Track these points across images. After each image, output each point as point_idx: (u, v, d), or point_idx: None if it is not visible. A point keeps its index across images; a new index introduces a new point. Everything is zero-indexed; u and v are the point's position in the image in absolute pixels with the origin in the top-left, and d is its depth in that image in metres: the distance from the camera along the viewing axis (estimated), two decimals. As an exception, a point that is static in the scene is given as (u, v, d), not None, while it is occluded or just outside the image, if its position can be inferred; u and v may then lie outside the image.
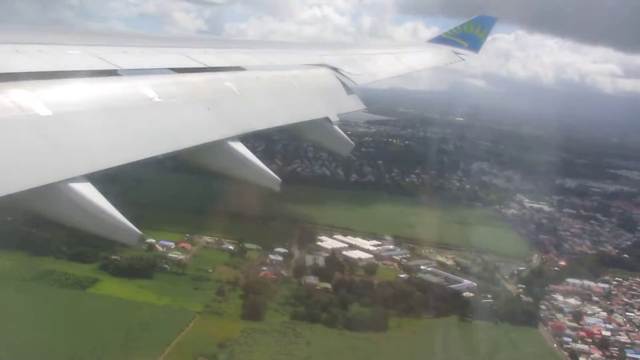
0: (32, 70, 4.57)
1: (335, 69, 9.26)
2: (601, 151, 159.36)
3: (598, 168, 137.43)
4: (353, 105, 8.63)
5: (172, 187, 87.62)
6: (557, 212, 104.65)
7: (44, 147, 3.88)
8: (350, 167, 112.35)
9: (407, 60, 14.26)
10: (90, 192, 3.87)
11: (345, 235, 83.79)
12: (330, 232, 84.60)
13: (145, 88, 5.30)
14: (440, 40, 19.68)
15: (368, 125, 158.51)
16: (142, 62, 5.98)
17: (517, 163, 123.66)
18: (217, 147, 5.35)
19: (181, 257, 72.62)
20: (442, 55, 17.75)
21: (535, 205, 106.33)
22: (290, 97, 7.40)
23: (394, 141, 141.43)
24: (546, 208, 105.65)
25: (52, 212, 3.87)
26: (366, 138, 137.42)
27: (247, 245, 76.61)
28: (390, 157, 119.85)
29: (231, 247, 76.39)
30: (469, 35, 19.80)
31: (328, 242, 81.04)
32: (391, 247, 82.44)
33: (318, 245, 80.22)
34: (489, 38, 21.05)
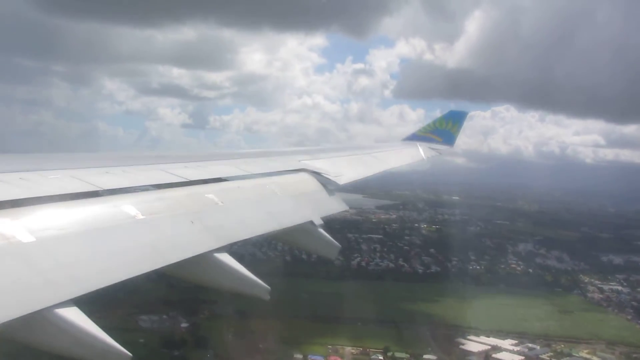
0: (14, 198, 4.57)
1: (315, 173, 9.37)
2: (612, 223, 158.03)
3: (624, 241, 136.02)
4: (336, 207, 8.66)
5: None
6: (635, 292, 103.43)
7: (28, 274, 3.82)
8: (409, 258, 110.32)
9: (385, 159, 14.51)
10: (77, 317, 3.78)
11: (477, 335, 79.24)
12: (456, 331, 79.35)
13: (128, 206, 5.30)
14: (415, 137, 20.18)
15: (385, 211, 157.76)
16: (123, 181, 6.01)
17: (552, 241, 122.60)
18: (204, 259, 5.29)
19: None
20: (418, 152, 18.11)
21: (613, 287, 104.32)
22: (272, 204, 7.41)
23: (423, 226, 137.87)
24: (622, 289, 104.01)
25: (39, 340, 3.76)
26: (394, 225, 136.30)
27: (397, 354, 71.32)
28: (435, 244, 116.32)
29: (380, 357, 71.36)
30: (442, 131, 20.36)
31: (468, 345, 76.64)
32: (530, 345, 78.41)
33: (462, 349, 75.83)
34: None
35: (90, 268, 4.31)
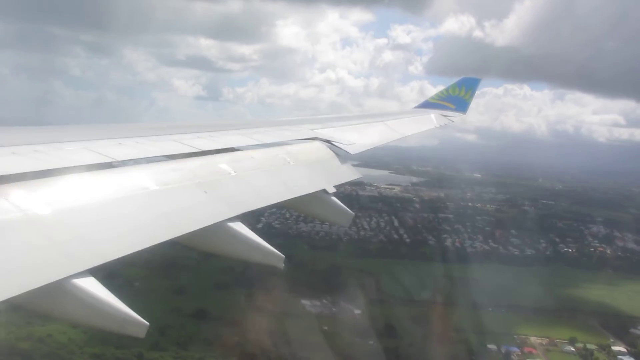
0: (29, 171, 4.60)
1: (327, 141, 9.35)
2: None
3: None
4: (349, 175, 8.66)
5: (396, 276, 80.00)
6: None
7: (44, 245, 3.86)
8: (497, 239, 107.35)
9: (397, 127, 14.42)
10: (94, 287, 3.83)
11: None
12: (619, 320, 78.48)
13: (141, 177, 5.33)
14: (427, 104, 20.01)
15: (428, 189, 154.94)
16: (136, 152, 6.02)
17: (615, 223, 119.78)
18: (218, 229, 5.32)
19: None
20: (430, 119, 17.98)
21: None
22: (285, 173, 7.42)
23: (479, 205, 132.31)
24: None
25: (58, 311, 3.82)
26: (449, 203, 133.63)
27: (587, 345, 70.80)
28: (509, 225, 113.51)
29: (572, 349, 70.28)
30: (454, 98, 20.15)
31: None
32: None
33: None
34: (478, 92, 21.41)
35: (105, 239, 4.35)
